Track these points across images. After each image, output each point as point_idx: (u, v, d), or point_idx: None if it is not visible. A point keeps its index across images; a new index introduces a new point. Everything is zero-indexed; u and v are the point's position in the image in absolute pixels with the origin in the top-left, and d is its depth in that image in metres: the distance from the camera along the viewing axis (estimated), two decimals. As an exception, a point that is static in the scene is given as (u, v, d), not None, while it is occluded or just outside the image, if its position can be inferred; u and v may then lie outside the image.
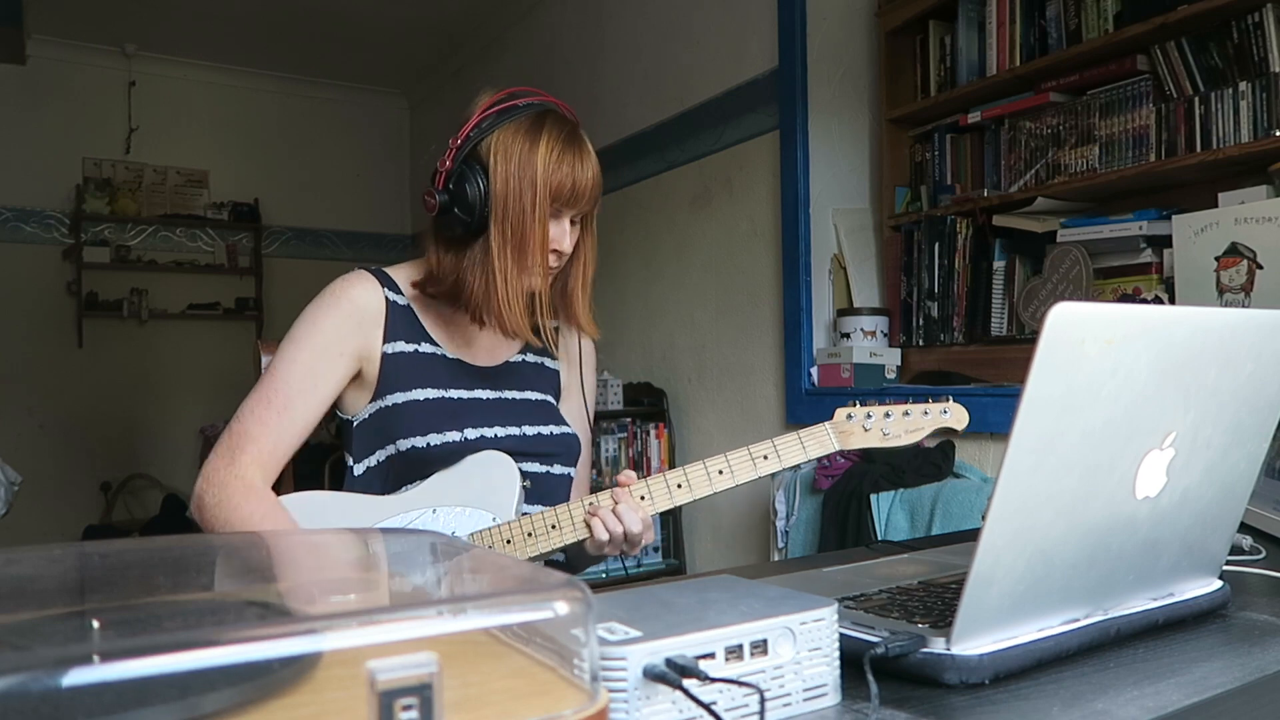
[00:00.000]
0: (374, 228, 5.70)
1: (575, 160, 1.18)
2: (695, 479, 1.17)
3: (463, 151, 1.18)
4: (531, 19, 4.31)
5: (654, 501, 1.17)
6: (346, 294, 1.22)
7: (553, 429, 1.31)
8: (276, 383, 1.18)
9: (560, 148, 1.18)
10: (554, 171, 1.17)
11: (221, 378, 5.05)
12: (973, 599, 0.59)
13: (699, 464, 1.17)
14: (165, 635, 0.42)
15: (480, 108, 1.20)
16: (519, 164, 1.16)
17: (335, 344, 1.20)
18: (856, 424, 1.19)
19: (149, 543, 1.13)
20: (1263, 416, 0.74)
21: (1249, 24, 1.86)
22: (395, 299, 1.25)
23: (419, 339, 1.26)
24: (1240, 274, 1.67)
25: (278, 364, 1.20)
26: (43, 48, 4.62)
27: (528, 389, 1.33)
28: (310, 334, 1.20)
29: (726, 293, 3.10)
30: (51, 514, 4.56)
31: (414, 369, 1.23)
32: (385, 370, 1.22)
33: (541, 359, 1.38)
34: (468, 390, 1.26)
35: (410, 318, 1.26)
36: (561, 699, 0.42)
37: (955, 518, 1.98)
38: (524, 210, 1.16)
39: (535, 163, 1.16)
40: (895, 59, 2.64)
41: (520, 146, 1.17)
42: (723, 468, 1.17)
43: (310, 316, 1.22)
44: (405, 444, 1.20)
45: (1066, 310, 0.55)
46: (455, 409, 1.23)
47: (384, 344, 1.23)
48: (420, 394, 1.22)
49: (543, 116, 1.20)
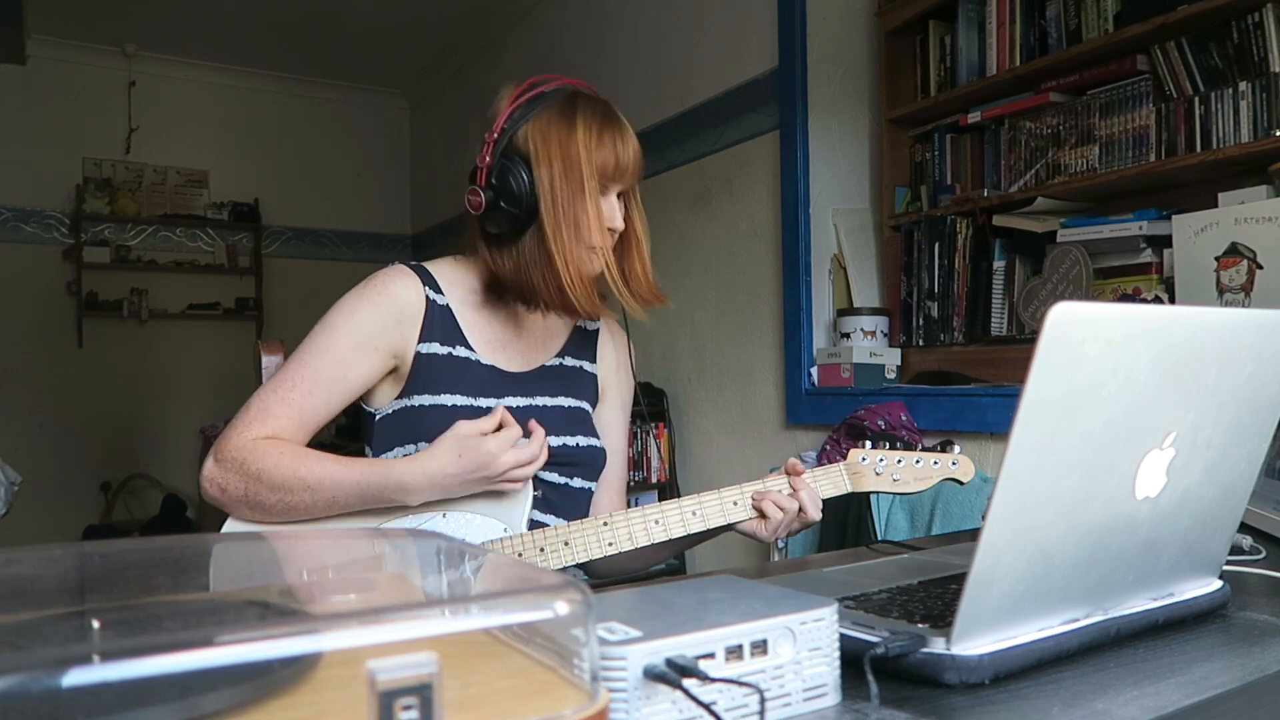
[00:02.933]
0: (374, 228, 5.70)
1: (615, 136, 1.17)
2: (709, 510, 1.19)
3: (500, 145, 1.16)
4: (531, 19, 4.31)
5: (669, 532, 1.17)
6: (388, 289, 1.20)
7: (579, 440, 1.27)
8: (306, 368, 1.16)
9: (599, 125, 1.16)
10: (596, 149, 1.15)
11: (221, 378, 5.05)
12: (973, 599, 0.59)
13: (714, 493, 1.19)
14: (165, 635, 0.41)
15: (508, 100, 1.18)
16: (560, 147, 1.15)
17: (371, 338, 1.18)
18: (869, 468, 1.24)
19: (149, 543, 1.13)
20: (1263, 416, 0.74)
21: (1249, 24, 1.86)
22: (435, 298, 1.22)
23: (454, 342, 1.23)
24: (1240, 274, 1.67)
25: (309, 349, 1.17)
26: (43, 48, 4.62)
27: (561, 394, 1.29)
28: (348, 325, 1.18)
29: (726, 293, 3.10)
30: (51, 514, 4.56)
31: (445, 373, 1.21)
32: (416, 369, 1.20)
33: (581, 363, 1.34)
34: (497, 398, 1.23)
35: (448, 319, 1.23)
36: (561, 699, 0.42)
37: (955, 518, 1.98)
38: (573, 193, 1.15)
39: (576, 144, 1.15)
40: (895, 59, 2.64)
41: (558, 130, 1.15)
42: (737, 499, 1.19)
43: (349, 307, 1.19)
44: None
45: (1066, 310, 0.55)
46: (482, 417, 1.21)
47: (419, 343, 1.20)
48: (449, 400, 1.20)
49: (573, 98, 1.18)
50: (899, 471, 1.23)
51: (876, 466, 1.24)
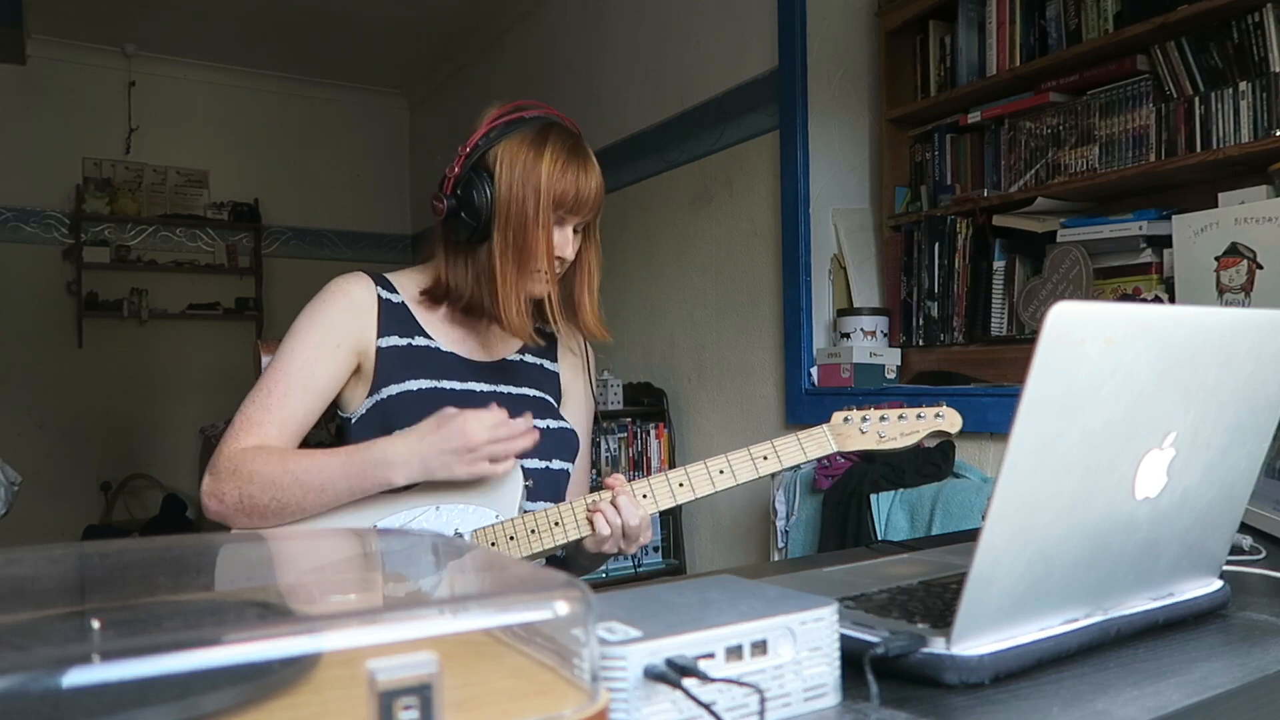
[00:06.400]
0: (374, 228, 5.70)
1: (579, 170, 1.23)
2: (697, 478, 1.20)
3: (471, 159, 1.24)
4: (531, 19, 4.31)
5: (656, 500, 1.20)
6: (341, 289, 1.27)
7: (550, 423, 1.32)
8: (278, 375, 1.22)
9: (565, 158, 1.22)
10: (558, 180, 1.21)
11: (221, 378, 5.05)
12: (973, 599, 0.59)
13: (700, 464, 1.21)
14: (165, 635, 0.42)
15: (489, 119, 1.25)
16: (524, 172, 1.21)
17: (332, 336, 1.24)
18: (853, 426, 1.23)
19: (149, 543, 1.13)
20: (1263, 416, 0.74)
21: (1249, 24, 1.86)
22: (389, 296, 1.29)
23: (412, 333, 1.29)
24: (1240, 274, 1.67)
25: (279, 358, 1.24)
26: (43, 48, 4.62)
27: (525, 385, 1.35)
28: (309, 329, 1.25)
29: (726, 293, 3.10)
30: (51, 514, 4.56)
31: (407, 361, 1.26)
32: (380, 365, 1.25)
33: (541, 360, 1.39)
34: (461, 382, 1.29)
35: (404, 314, 1.29)
36: (561, 699, 0.42)
37: (955, 518, 1.98)
38: (526, 216, 1.21)
39: (540, 171, 1.20)
40: (895, 59, 2.64)
41: (525, 155, 1.21)
42: (723, 468, 1.20)
43: (309, 313, 1.26)
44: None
45: (1066, 310, 0.55)
46: (449, 399, 1.23)
47: (378, 338, 1.26)
48: (414, 384, 1.25)
49: (548, 128, 1.24)
50: (884, 428, 1.22)
51: (861, 425, 1.23)
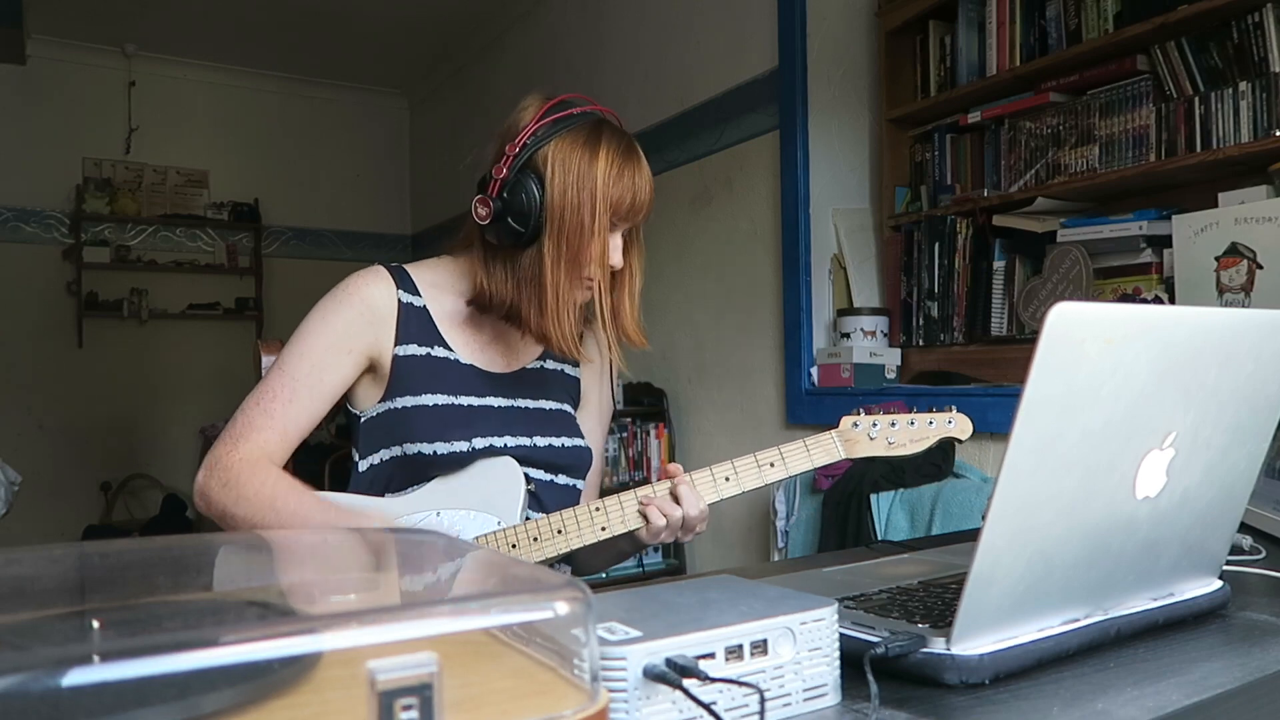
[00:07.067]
0: (374, 228, 5.70)
1: (634, 173, 1.16)
2: (703, 487, 1.18)
3: (519, 160, 1.14)
4: (531, 19, 4.31)
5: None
6: (360, 291, 1.20)
7: (565, 441, 1.28)
8: (284, 375, 1.17)
9: (620, 160, 1.15)
10: (614, 185, 1.14)
11: (221, 378, 5.05)
12: (973, 599, 0.59)
13: (705, 470, 1.18)
14: (165, 635, 0.41)
15: (534, 116, 1.16)
16: (578, 176, 1.13)
17: (344, 340, 1.18)
18: (862, 433, 1.19)
19: (149, 543, 1.13)
20: (1263, 416, 0.74)
21: (1249, 24, 1.86)
22: (410, 300, 1.22)
23: (432, 342, 1.23)
24: (1240, 274, 1.67)
25: (286, 356, 1.18)
26: (43, 48, 4.62)
27: (543, 397, 1.30)
28: (321, 329, 1.19)
29: (726, 293, 3.10)
30: (51, 514, 4.56)
31: (425, 373, 1.21)
32: (395, 373, 1.20)
33: (562, 366, 1.34)
34: (479, 398, 1.23)
35: (424, 320, 1.23)
36: (561, 699, 0.42)
37: (955, 518, 1.98)
38: (582, 223, 1.13)
39: (595, 176, 1.13)
40: (895, 59, 2.64)
41: (579, 158, 1.13)
42: (729, 474, 1.17)
43: (322, 311, 1.20)
44: (412, 449, 1.18)
45: (1066, 310, 0.55)
46: (465, 417, 1.20)
47: (395, 345, 1.20)
48: (430, 399, 1.20)
49: (599, 127, 1.17)
50: (893, 434, 1.18)
51: (870, 431, 1.18)
